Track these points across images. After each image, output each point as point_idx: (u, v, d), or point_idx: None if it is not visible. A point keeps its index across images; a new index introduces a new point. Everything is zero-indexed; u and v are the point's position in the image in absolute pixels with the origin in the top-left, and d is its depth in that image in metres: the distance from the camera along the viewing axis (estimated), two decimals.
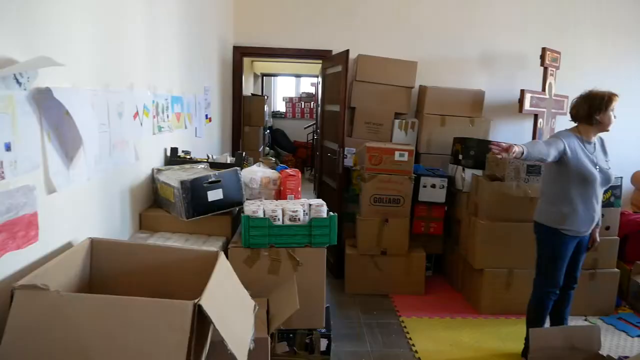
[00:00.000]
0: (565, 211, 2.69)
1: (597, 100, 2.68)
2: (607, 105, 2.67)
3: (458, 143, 4.05)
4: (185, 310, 1.28)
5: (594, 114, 2.67)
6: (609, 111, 2.68)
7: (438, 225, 4.00)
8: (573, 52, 4.58)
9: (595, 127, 2.72)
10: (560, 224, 2.71)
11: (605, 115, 2.68)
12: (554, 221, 2.74)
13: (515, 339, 3.11)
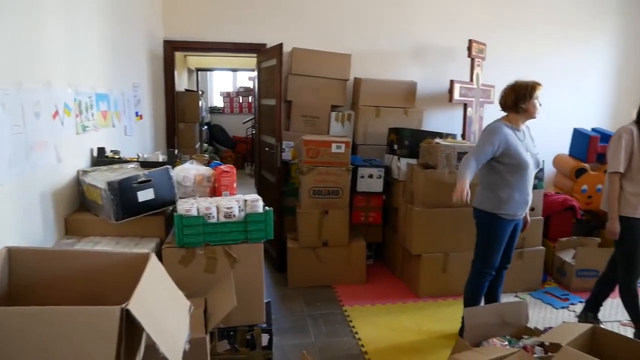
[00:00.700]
0: (503, 196, 2.83)
1: (522, 89, 2.84)
2: (531, 93, 2.83)
3: (393, 133, 4.15)
4: (112, 317, 1.23)
5: (520, 103, 2.83)
6: (534, 99, 2.84)
7: (377, 214, 4.09)
8: (498, 43, 4.80)
9: (523, 115, 2.87)
10: (498, 209, 2.86)
11: (530, 103, 2.83)
12: (493, 207, 2.87)
13: (453, 319, 3.24)
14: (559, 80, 5.04)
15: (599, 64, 5.26)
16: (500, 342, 2.68)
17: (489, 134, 2.83)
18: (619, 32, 5.28)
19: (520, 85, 2.86)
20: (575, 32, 5.14)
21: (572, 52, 5.15)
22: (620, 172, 2.89)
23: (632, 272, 2.98)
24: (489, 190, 2.89)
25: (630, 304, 3.06)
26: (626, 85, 5.26)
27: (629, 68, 5.35)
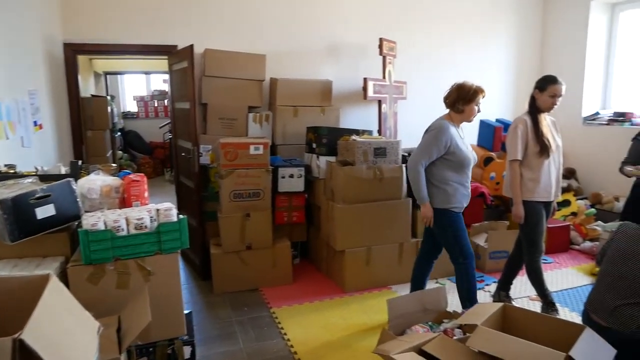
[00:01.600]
0: (450, 191, 2.96)
1: (464, 91, 2.96)
2: (472, 97, 2.96)
3: (311, 132, 4.18)
4: (3, 348, 1.12)
5: (459, 103, 2.97)
6: (473, 104, 2.96)
7: (300, 213, 4.09)
8: (408, 41, 5.00)
9: (460, 115, 3.01)
10: (448, 204, 2.97)
11: (468, 106, 2.97)
12: (443, 202, 2.98)
13: (379, 310, 3.32)
14: (465, 75, 5.27)
15: (499, 58, 5.64)
16: (423, 328, 2.79)
17: (437, 135, 2.91)
18: (516, 29, 5.70)
19: (465, 86, 2.98)
20: (478, 29, 5.47)
21: (475, 47, 5.47)
22: (518, 160, 3.11)
23: (534, 251, 3.22)
24: (436, 187, 2.99)
25: (535, 280, 3.30)
26: (524, 77, 5.68)
27: (524, 62, 5.79)
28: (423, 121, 5.08)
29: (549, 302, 3.32)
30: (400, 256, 3.86)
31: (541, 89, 3.13)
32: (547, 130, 3.15)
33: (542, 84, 3.14)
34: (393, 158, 3.74)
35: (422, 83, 5.19)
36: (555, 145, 3.16)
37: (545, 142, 3.08)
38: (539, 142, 3.08)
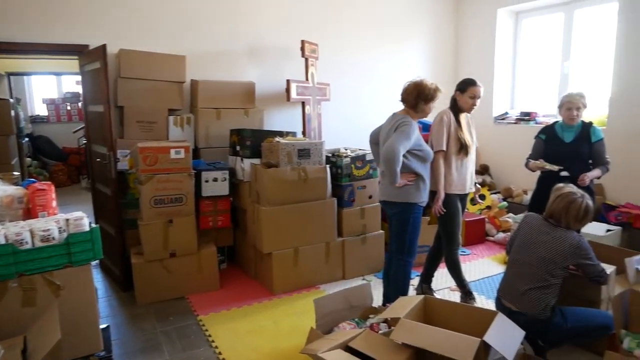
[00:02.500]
0: (422, 186, 3.05)
1: (425, 90, 3.01)
2: (432, 97, 3.04)
3: (234, 134, 4.12)
4: None
5: (419, 102, 3.02)
6: (431, 103, 3.05)
7: (225, 217, 4.02)
8: (329, 42, 5.07)
9: (417, 113, 3.08)
10: (416, 198, 3.05)
11: (428, 106, 3.05)
12: (410, 197, 3.04)
13: (308, 311, 3.31)
14: (384, 77, 5.52)
15: (416, 61, 5.89)
16: (349, 325, 2.84)
17: (408, 130, 2.95)
18: (431, 34, 5.97)
19: (424, 86, 3.02)
20: (396, 34, 5.67)
21: (394, 51, 5.67)
22: (444, 150, 3.25)
23: (452, 243, 3.39)
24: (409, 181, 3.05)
25: (454, 271, 3.48)
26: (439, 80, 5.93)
27: (440, 66, 6.09)
28: (346, 122, 5.28)
29: (467, 291, 3.51)
30: (327, 256, 3.90)
31: (461, 90, 3.32)
32: (467, 129, 3.34)
33: (462, 86, 3.33)
34: (317, 159, 3.78)
35: (345, 85, 5.30)
36: (473, 144, 3.37)
37: (465, 141, 3.27)
38: (459, 141, 3.26)
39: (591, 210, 2.59)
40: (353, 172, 3.96)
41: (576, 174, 3.27)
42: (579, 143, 3.39)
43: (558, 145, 3.45)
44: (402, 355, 2.22)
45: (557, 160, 3.38)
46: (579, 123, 3.43)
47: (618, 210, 4.40)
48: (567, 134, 3.45)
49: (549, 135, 3.52)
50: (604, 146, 3.39)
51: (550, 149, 3.48)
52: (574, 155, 3.37)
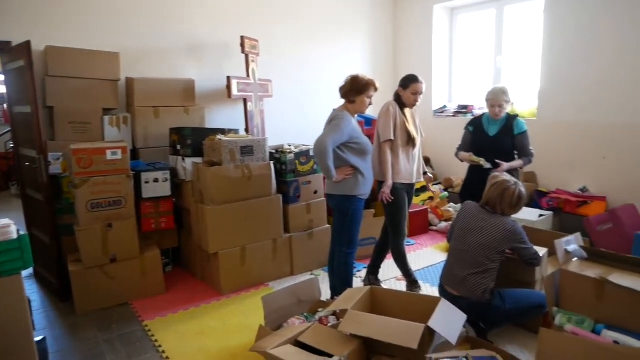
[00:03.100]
0: (360, 179, 3.07)
1: (357, 83, 3.06)
2: (363, 89, 3.06)
3: (175, 133, 4.01)
4: None
5: (350, 95, 3.06)
6: (364, 96, 3.07)
7: (169, 219, 3.91)
8: (270, 38, 5.04)
9: (352, 106, 3.11)
10: (355, 191, 3.07)
11: (359, 97, 3.07)
12: (350, 189, 3.06)
13: (258, 308, 3.28)
14: (327, 71, 5.55)
15: (356, 57, 5.97)
16: (299, 320, 2.85)
17: (340, 124, 2.97)
18: (370, 30, 6.07)
19: (358, 79, 3.07)
20: (335, 30, 5.71)
21: (334, 47, 5.71)
22: (391, 140, 3.31)
23: (399, 235, 3.47)
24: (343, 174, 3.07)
25: (400, 262, 3.56)
26: (379, 76, 6.06)
27: (379, 61, 6.21)
28: (290, 118, 5.27)
29: (413, 280, 3.61)
30: (274, 252, 3.89)
31: (404, 87, 3.38)
32: (412, 123, 3.44)
33: (404, 82, 3.39)
34: (261, 156, 3.75)
35: (288, 81, 5.29)
36: (419, 136, 3.47)
37: (412, 134, 3.37)
38: (407, 132, 3.34)
39: (524, 197, 2.73)
40: (297, 168, 3.97)
41: (498, 165, 3.40)
42: (502, 136, 3.51)
43: (483, 139, 3.58)
44: (351, 345, 2.25)
45: (481, 153, 3.52)
46: (504, 116, 3.54)
47: (549, 196, 4.66)
48: (492, 127, 3.57)
49: (476, 127, 3.65)
50: (527, 138, 3.51)
51: (476, 142, 3.61)
52: (497, 149, 3.48)
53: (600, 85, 4.42)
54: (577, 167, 4.70)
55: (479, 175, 3.42)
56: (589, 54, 4.47)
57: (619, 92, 4.30)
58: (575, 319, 2.16)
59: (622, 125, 4.31)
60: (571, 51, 4.61)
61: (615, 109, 4.35)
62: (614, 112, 4.36)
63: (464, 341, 2.51)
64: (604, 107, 4.43)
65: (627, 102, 4.26)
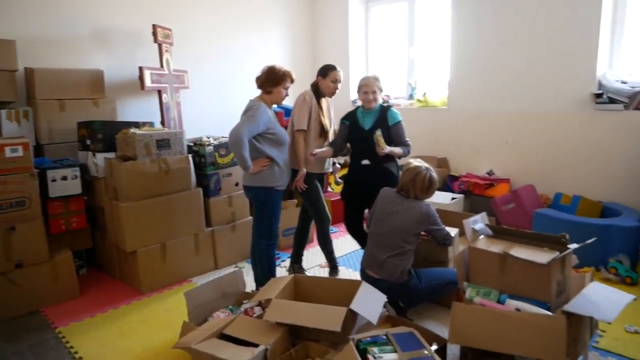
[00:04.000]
0: (277, 170, 3.05)
1: (273, 74, 3.06)
2: (280, 80, 3.06)
3: (83, 127, 3.78)
4: None
5: (267, 86, 3.07)
6: (280, 87, 3.08)
7: (80, 218, 3.69)
8: (185, 28, 4.87)
9: (269, 96, 3.11)
10: (273, 182, 3.05)
11: (276, 88, 3.08)
12: (267, 181, 3.04)
13: (182, 305, 3.21)
14: (246, 61, 5.49)
15: (275, 48, 5.95)
16: (223, 313, 2.83)
17: (254, 115, 2.95)
18: (289, 20, 6.07)
19: (274, 70, 3.07)
20: (254, 19, 5.64)
21: (253, 37, 5.65)
22: (304, 130, 3.38)
23: (323, 219, 3.54)
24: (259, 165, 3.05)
25: (326, 246, 3.65)
26: (299, 66, 6.11)
27: (298, 51, 6.24)
28: (209, 109, 5.16)
29: (334, 266, 3.71)
30: (197, 247, 3.81)
31: (323, 75, 3.46)
32: (327, 114, 3.51)
33: (324, 71, 3.47)
34: (178, 149, 3.65)
35: (205, 71, 5.16)
36: (332, 128, 3.55)
37: (325, 126, 3.44)
38: (321, 124, 3.42)
39: (435, 181, 2.89)
40: (217, 161, 3.90)
41: (376, 161, 3.29)
42: (377, 129, 3.29)
43: (359, 133, 3.37)
44: (276, 334, 2.28)
45: (359, 148, 3.39)
46: (377, 107, 3.38)
47: (460, 180, 4.97)
48: (367, 119, 3.38)
49: (352, 121, 3.44)
50: (402, 128, 3.36)
51: (353, 136, 3.43)
52: (374, 143, 3.25)
53: (502, 77, 4.76)
54: (484, 152, 5.04)
55: (357, 174, 3.43)
56: (492, 47, 4.80)
57: (518, 82, 4.66)
58: (483, 291, 2.34)
59: (521, 113, 4.68)
60: (476, 43, 4.91)
61: (515, 99, 4.71)
62: (515, 101, 4.72)
63: (384, 320, 2.62)
64: (505, 96, 4.78)
65: (525, 92, 4.63)
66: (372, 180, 3.30)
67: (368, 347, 2.03)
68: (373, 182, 3.25)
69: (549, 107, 4.48)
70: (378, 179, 3.28)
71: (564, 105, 4.39)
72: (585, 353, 2.34)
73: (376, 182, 3.23)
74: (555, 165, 4.53)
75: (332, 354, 2.21)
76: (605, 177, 4.25)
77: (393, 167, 3.39)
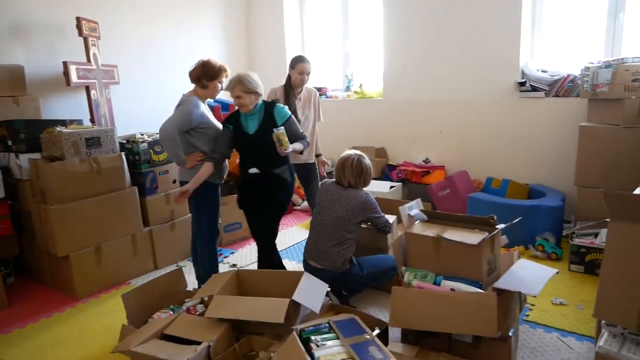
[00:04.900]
0: None
1: (209, 68, 3.02)
2: (216, 74, 3.03)
3: (3, 127, 3.52)
4: None
5: (203, 79, 3.02)
6: (216, 81, 3.05)
7: (5, 224, 3.45)
8: (113, 21, 4.66)
9: (204, 91, 3.07)
10: (210, 177, 2.96)
11: (212, 83, 3.04)
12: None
13: (120, 309, 3.11)
14: (180, 55, 5.33)
15: (210, 41, 5.82)
16: (165, 313, 2.76)
17: (186, 109, 2.91)
18: (223, 14, 5.95)
19: (210, 64, 3.03)
20: (187, 12, 5.48)
21: (187, 30, 5.49)
22: None
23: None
24: None
25: None
26: (234, 60, 6.02)
27: (232, 46, 6.14)
28: (142, 105, 4.98)
29: None
30: (134, 248, 3.69)
31: (292, 67, 3.63)
32: (305, 104, 3.63)
33: (292, 62, 3.63)
34: (110, 147, 3.50)
35: (138, 66, 4.96)
36: (304, 118, 3.66)
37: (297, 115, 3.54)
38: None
39: (365, 165, 2.90)
40: (152, 158, 3.78)
41: (265, 168, 3.01)
42: (264, 131, 2.93)
43: (243, 138, 3.02)
44: (219, 330, 2.25)
45: (245, 155, 3.10)
46: (259, 106, 3.01)
47: (398, 169, 5.10)
48: (251, 122, 3.02)
49: (235, 125, 3.06)
50: (294, 123, 3.09)
51: (237, 142, 3.07)
52: (261, 147, 2.96)
53: (434, 67, 4.92)
54: (419, 141, 5.20)
55: (246, 184, 3.13)
56: (423, 39, 4.95)
57: (448, 73, 4.84)
58: (420, 274, 2.42)
59: (453, 102, 4.87)
60: (408, 36, 5.04)
61: (447, 89, 4.89)
62: (446, 91, 4.90)
63: (328, 309, 2.66)
64: (437, 87, 4.95)
65: (456, 82, 4.81)
66: (263, 190, 3.03)
67: (311, 336, 2.05)
68: (264, 192, 3.03)
69: (478, 96, 4.70)
70: (269, 188, 3.03)
71: (491, 94, 4.61)
72: (516, 326, 2.48)
73: (267, 191, 3.03)
74: (485, 151, 4.76)
75: (277, 346, 2.22)
76: (531, 161, 4.52)
77: (286, 173, 3.07)
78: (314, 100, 3.83)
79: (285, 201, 3.15)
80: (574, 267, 3.47)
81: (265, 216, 3.12)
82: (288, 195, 3.15)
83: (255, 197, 3.08)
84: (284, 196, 3.12)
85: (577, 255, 3.44)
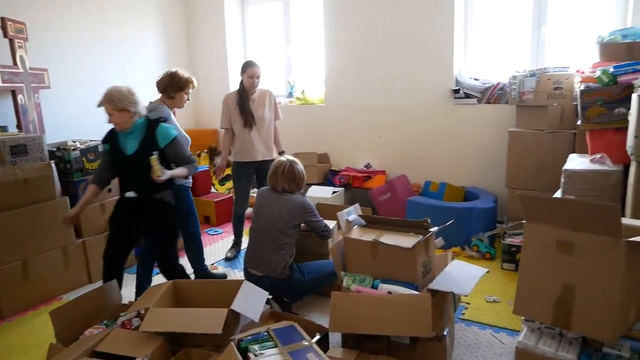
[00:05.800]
0: None
1: (176, 79, 3.18)
2: (183, 86, 3.20)
3: None
4: None
5: (170, 90, 3.18)
6: (183, 92, 3.22)
7: None
8: (43, 22, 4.42)
9: (170, 101, 3.23)
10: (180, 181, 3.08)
11: (179, 94, 3.21)
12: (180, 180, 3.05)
13: (49, 326, 2.95)
14: (117, 60, 5.15)
15: (149, 46, 5.64)
16: (97, 329, 2.64)
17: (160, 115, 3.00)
18: (162, 19, 5.79)
19: (177, 75, 3.19)
20: (125, 16, 5.29)
21: (124, 34, 5.29)
22: (226, 128, 3.90)
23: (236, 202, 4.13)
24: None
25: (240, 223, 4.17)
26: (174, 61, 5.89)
27: (172, 52, 5.99)
28: (75, 111, 4.74)
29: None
30: (65, 261, 3.51)
31: (242, 71, 3.84)
32: (259, 104, 3.88)
33: (243, 68, 3.85)
34: (38, 155, 3.33)
35: (69, 70, 4.72)
36: (259, 118, 3.86)
37: (248, 116, 3.79)
38: (242, 116, 3.79)
39: (298, 171, 2.94)
40: (85, 166, 3.63)
41: (144, 191, 2.77)
42: (144, 152, 2.67)
43: (121, 159, 2.78)
44: (153, 345, 2.18)
45: (122, 177, 2.89)
46: (140, 125, 2.75)
47: (340, 174, 5.16)
48: (130, 141, 2.76)
49: (112, 144, 2.81)
50: (179, 145, 2.83)
51: (115, 163, 2.83)
52: (140, 169, 2.67)
53: (373, 74, 5.03)
54: (361, 146, 5.29)
55: (122, 209, 2.91)
56: (363, 46, 5.04)
57: (387, 80, 4.96)
58: (358, 278, 2.47)
59: (391, 108, 4.99)
60: (348, 42, 5.13)
61: (386, 95, 5.01)
62: (385, 97, 5.01)
63: (268, 317, 2.64)
64: (377, 93, 5.06)
65: (394, 89, 4.94)
66: (140, 216, 2.81)
67: (249, 345, 2.04)
68: (141, 219, 2.81)
69: (416, 103, 4.84)
70: (147, 214, 2.81)
71: (427, 100, 4.77)
72: (451, 325, 2.57)
73: (144, 218, 2.81)
74: (423, 155, 4.92)
75: (215, 357, 2.18)
76: (465, 164, 4.71)
77: (168, 197, 2.84)
78: (269, 100, 3.99)
79: (172, 226, 2.94)
80: (506, 266, 3.65)
81: (157, 246, 2.96)
82: (173, 220, 2.92)
83: (130, 224, 2.84)
84: (170, 221, 2.90)
85: (509, 254, 3.62)
